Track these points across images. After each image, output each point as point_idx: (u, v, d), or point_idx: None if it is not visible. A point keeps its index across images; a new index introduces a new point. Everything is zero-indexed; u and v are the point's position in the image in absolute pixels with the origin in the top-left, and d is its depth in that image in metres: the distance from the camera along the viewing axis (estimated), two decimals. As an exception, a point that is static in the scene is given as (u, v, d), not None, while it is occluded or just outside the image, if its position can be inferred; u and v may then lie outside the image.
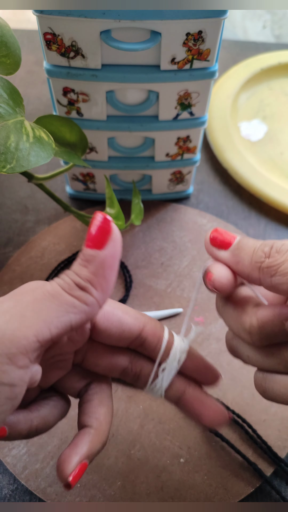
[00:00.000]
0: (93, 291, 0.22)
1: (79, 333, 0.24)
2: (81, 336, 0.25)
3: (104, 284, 0.22)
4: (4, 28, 0.35)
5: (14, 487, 0.35)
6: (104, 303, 0.23)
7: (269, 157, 0.56)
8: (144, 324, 0.26)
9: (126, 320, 0.25)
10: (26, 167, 0.31)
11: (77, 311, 0.21)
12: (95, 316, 0.24)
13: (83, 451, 0.23)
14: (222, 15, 0.33)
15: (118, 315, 0.25)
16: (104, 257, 0.22)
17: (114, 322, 0.25)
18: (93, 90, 0.38)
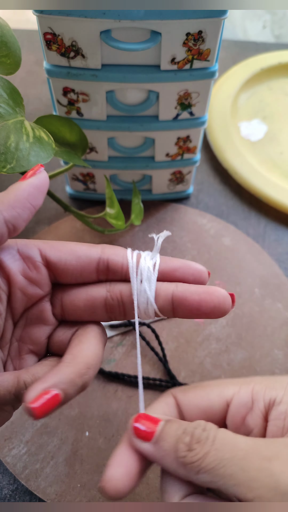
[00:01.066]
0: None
1: (32, 268, 0.24)
2: (37, 272, 0.24)
3: (11, 200, 0.23)
4: (4, 28, 0.35)
5: (14, 487, 0.35)
6: (10, 216, 0.23)
7: (269, 157, 0.56)
8: (101, 248, 0.25)
9: (79, 248, 0.25)
10: (26, 167, 0.31)
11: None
12: (1, 225, 0.23)
13: (49, 380, 0.21)
14: (222, 15, 0.33)
15: (70, 245, 0.25)
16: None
17: (66, 251, 0.25)
18: (93, 90, 0.38)
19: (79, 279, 0.25)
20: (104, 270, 0.25)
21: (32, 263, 0.24)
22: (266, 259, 0.47)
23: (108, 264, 0.25)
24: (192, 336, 0.42)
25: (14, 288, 0.24)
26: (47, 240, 0.26)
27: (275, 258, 0.48)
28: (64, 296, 0.25)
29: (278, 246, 0.49)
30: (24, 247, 0.25)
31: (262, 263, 0.47)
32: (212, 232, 0.49)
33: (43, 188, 0.25)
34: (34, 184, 0.24)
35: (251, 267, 0.47)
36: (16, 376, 0.23)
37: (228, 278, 0.46)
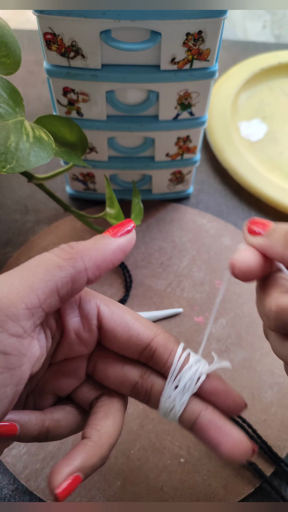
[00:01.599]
0: (82, 258, 0.22)
1: (86, 329, 0.24)
2: (89, 334, 0.24)
3: (98, 259, 0.22)
4: (4, 28, 0.35)
5: (14, 487, 0.35)
6: (93, 275, 0.22)
7: (269, 157, 0.56)
8: (155, 333, 0.25)
9: (134, 325, 0.24)
10: (26, 167, 0.31)
11: (63, 274, 0.21)
12: (82, 284, 0.22)
13: (75, 463, 0.22)
14: (222, 15, 0.33)
15: (127, 318, 0.24)
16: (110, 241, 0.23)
17: (121, 324, 0.24)
18: (93, 90, 0.38)
19: (122, 352, 0.25)
20: (148, 357, 0.25)
21: (88, 325, 0.24)
22: (266, 259, 0.47)
23: (154, 354, 0.24)
24: (192, 336, 0.42)
25: (64, 341, 0.24)
26: (107, 299, 0.25)
27: (275, 258, 0.48)
28: (100, 360, 0.25)
29: (278, 246, 0.49)
30: (86, 304, 0.24)
31: (262, 263, 0.47)
32: (212, 232, 0.49)
33: (128, 249, 0.24)
34: (122, 246, 0.24)
35: (251, 267, 0.47)
36: (41, 420, 0.24)
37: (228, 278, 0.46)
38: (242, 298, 0.45)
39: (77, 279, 0.22)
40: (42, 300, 0.21)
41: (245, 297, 0.45)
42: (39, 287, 0.21)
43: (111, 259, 0.23)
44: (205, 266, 0.47)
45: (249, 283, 0.25)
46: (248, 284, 0.45)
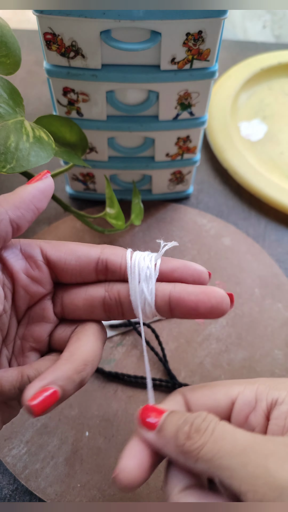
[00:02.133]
0: (1, 203, 0.24)
1: (33, 266, 0.25)
2: (38, 271, 0.25)
3: (16, 201, 0.24)
4: (4, 28, 0.35)
5: (14, 487, 0.35)
6: (14, 215, 0.24)
7: (269, 157, 0.56)
8: (101, 248, 0.26)
9: (79, 248, 0.25)
10: (26, 167, 0.31)
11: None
12: (6, 225, 0.24)
13: (47, 377, 0.21)
14: (222, 15, 0.33)
15: (70, 245, 0.26)
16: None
17: (66, 251, 0.25)
18: (93, 90, 0.38)
19: (79, 278, 0.26)
20: (103, 270, 0.25)
21: (34, 262, 0.25)
22: (266, 259, 0.47)
23: (107, 264, 0.25)
24: (192, 336, 0.42)
25: (17, 286, 0.25)
26: (48, 240, 0.26)
27: (275, 258, 0.48)
28: (65, 295, 0.26)
29: (278, 246, 0.49)
30: (27, 247, 0.25)
31: (262, 263, 0.47)
32: (212, 232, 0.49)
33: (48, 192, 0.25)
34: (40, 187, 0.25)
35: (251, 267, 0.47)
36: (20, 371, 0.23)
37: (228, 278, 0.46)
38: (242, 298, 0.45)
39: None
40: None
41: (245, 297, 0.45)
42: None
43: (30, 199, 0.24)
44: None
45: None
46: (248, 284, 0.45)
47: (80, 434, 0.37)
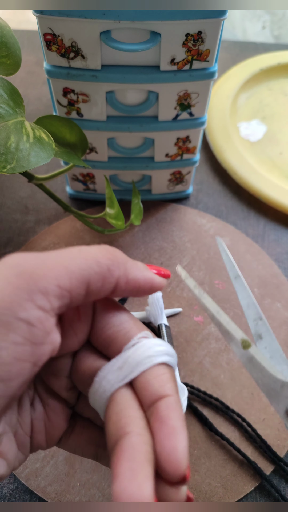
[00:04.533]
0: (119, 265, 0.21)
1: (82, 318, 0.23)
2: (84, 323, 0.23)
3: (131, 275, 0.22)
4: (4, 28, 0.35)
5: (14, 486, 0.35)
6: (120, 287, 0.21)
7: (268, 157, 0.56)
8: (144, 334, 0.22)
9: (127, 322, 0.23)
10: (26, 167, 0.32)
11: (98, 270, 0.20)
12: (108, 289, 0.21)
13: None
14: (222, 16, 0.33)
15: (121, 312, 0.23)
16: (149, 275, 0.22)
17: (114, 315, 0.23)
18: (93, 91, 0.38)
19: (103, 350, 0.23)
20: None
21: (84, 312, 0.23)
22: (265, 259, 0.47)
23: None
24: (192, 335, 0.42)
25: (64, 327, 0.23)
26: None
27: (274, 258, 0.48)
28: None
29: (277, 246, 0.49)
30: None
31: (261, 263, 0.47)
32: (211, 232, 0.49)
33: (154, 288, 0.23)
34: (154, 280, 0.23)
35: (250, 267, 0.47)
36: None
37: (227, 278, 0.46)
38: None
39: (107, 282, 0.21)
40: (73, 286, 0.20)
41: (245, 297, 0.45)
42: (74, 271, 0.20)
43: (140, 283, 0.22)
44: (204, 266, 0.47)
45: None
46: (247, 283, 0.46)
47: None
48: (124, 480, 0.17)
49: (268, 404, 0.38)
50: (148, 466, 0.18)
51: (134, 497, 0.16)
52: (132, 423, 0.19)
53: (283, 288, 0.45)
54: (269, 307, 0.44)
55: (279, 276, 0.46)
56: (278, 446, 0.37)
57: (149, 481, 0.17)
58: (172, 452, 0.18)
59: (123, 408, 0.20)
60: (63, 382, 0.23)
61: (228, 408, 0.38)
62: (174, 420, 0.19)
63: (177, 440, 0.18)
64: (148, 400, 0.20)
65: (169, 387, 0.20)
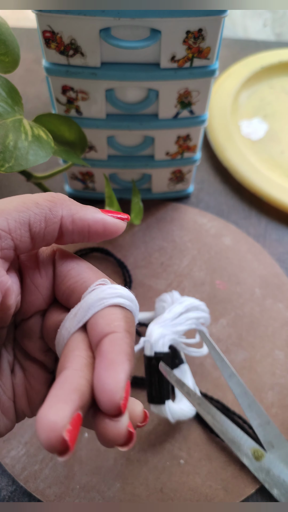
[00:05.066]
0: (62, 206, 0.21)
1: (43, 274, 0.23)
2: (45, 279, 0.23)
3: (77, 214, 0.21)
4: (3, 26, 0.35)
5: (13, 488, 0.35)
6: (66, 227, 0.21)
7: (270, 156, 0.56)
8: (102, 280, 0.23)
9: (85, 271, 0.23)
10: (25, 166, 0.31)
11: (37, 210, 0.21)
12: (54, 230, 0.21)
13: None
14: (222, 13, 0.33)
15: (80, 264, 0.23)
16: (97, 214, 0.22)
17: (73, 267, 0.23)
18: (92, 89, 0.38)
19: (65, 302, 0.23)
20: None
21: (44, 268, 0.23)
22: (266, 259, 0.47)
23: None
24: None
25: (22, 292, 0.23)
26: (63, 248, 0.24)
27: (276, 257, 0.48)
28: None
29: (279, 246, 0.49)
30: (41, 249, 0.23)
31: (262, 263, 0.47)
32: (212, 232, 0.49)
33: (111, 229, 0.23)
34: (107, 221, 0.22)
35: (252, 266, 0.46)
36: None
37: (228, 278, 0.46)
38: (243, 298, 0.44)
39: (50, 222, 0.21)
40: (12, 227, 0.20)
41: (246, 297, 0.44)
42: (10, 213, 0.20)
43: (89, 223, 0.22)
44: (205, 266, 0.46)
45: None
46: (248, 284, 0.45)
47: (79, 435, 0.36)
48: (46, 405, 0.17)
49: (270, 406, 0.38)
50: (73, 394, 0.18)
51: (49, 418, 0.17)
52: (73, 360, 0.19)
53: (285, 288, 0.45)
54: (270, 307, 0.44)
55: (281, 276, 0.46)
56: (279, 448, 0.36)
57: (69, 407, 0.17)
58: (106, 382, 0.18)
59: (70, 349, 0.20)
60: (37, 344, 0.23)
61: (229, 410, 0.37)
62: (114, 354, 0.19)
63: (113, 371, 0.18)
64: (95, 339, 0.20)
65: (116, 325, 0.20)
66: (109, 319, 0.20)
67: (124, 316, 0.21)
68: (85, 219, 0.22)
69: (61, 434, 0.16)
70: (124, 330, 0.20)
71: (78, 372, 0.19)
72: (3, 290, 0.20)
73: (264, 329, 0.42)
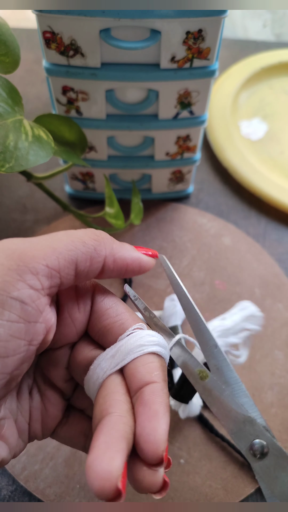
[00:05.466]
0: (105, 245, 0.22)
1: (81, 308, 0.23)
2: (83, 314, 0.24)
3: (118, 253, 0.23)
4: (3, 26, 0.35)
5: (13, 488, 0.35)
6: (108, 266, 0.23)
7: (269, 156, 0.56)
8: (139, 325, 0.24)
9: (123, 314, 0.24)
10: (25, 166, 0.31)
11: (84, 250, 0.22)
12: (97, 268, 0.22)
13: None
14: (222, 14, 0.33)
15: (118, 304, 0.24)
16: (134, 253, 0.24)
17: (111, 307, 0.24)
18: (92, 89, 0.38)
19: (100, 340, 0.24)
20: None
21: (83, 303, 0.24)
22: (266, 259, 0.47)
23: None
24: (192, 335, 0.42)
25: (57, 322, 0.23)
26: (101, 285, 0.25)
27: (275, 257, 0.48)
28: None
29: (279, 246, 0.49)
30: (82, 284, 0.24)
31: (262, 263, 0.47)
32: (212, 232, 0.49)
33: (143, 267, 0.24)
34: (142, 259, 0.24)
35: (252, 267, 0.47)
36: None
37: (228, 278, 0.46)
38: (242, 298, 0.44)
39: (95, 261, 0.22)
40: (62, 266, 0.21)
41: (245, 297, 0.44)
42: (61, 252, 0.21)
43: (128, 262, 0.23)
44: (205, 266, 0.46)
45: None
46: (248, 284, 0.45)
47: (80, 434, 0.37)
48: (98, 451, 0.18)
49: (269, 406, 0.38)
50: (123, 442, 0.18)
51: (103, 467, 0.17)
52: (115, 405, 0.20)
53: (285, 288, 0.45)
54: (270, 307, 0.44)
55: (281, 276, 0.46)
56: (279, 448, 0.36)
57: (121, 455, 0.18)
58: (151, 433, 0.19)
59: (110, 392, 0.21)
60: (61, 373, 0.24)
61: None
62: (157, 405, 0.20)
63: (157, 422, 0.19)
64: (135, 386, 0.21)
65: (156, 374, 0.21)
66: (149, 367, 0.21)
67: (161, 365, 0.22)
68: (124, 258, 0.23)
69: (116, 484, 0.17)
70: (162, 380, 0.21)
71: (123, 418, 0.19)
72: (48, 327, 0.21)
73: (264, 329, 0.43)
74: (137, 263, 0.24)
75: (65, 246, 0.21)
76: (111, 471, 0.17)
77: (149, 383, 0.21)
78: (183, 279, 0.45)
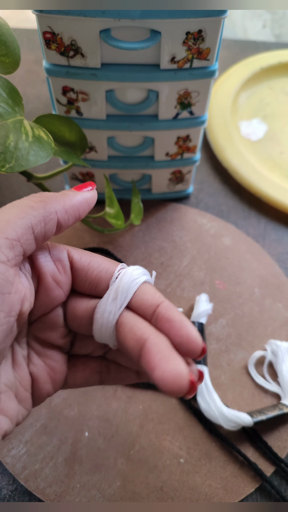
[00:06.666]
0: (52, 202, 0.24)
1: (61, 270, 0.25)
2: (64, 275, 0.25)
3: (66, 204, 0.24)
4: (4, 27, 0.35)
5: (13, 487, 0.35)
6: (62, 218, 0.24)
7: (269, 157, 0.56)
8: (121, 266, 0.26)
9: (103, 262, 0.26)
10: (25, 166, 0.31)
11: (35, 213, 0.23)
12: (53, 225, 0.24)
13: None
14: (222, 14, 0.33)
15: (95, 258, 0.26)
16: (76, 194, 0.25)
17: (90, 262, 0.26)
18: (92, 89, 0.38)
19: (92, 291, 0.26)
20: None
21: (62, 266, 0.25)
22: (266, 259, 0.47)
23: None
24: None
25: (41, 288, 0.25)
26: (74, 247, 0.26)
27: (275, 257, 0.48)
28: (69, 302, 0.26)
29: (278, 246, 0.49)
30: (55, 250, 0.26)
31: (262, 263, 0.47)
32: (212, 232, 0.49)
33: (91, 204, 0.26)
34: (87, 197, 0.26)
35: (251, 266, 0.47)
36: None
37: (228, 278, 0.46)
38: (242, 298, 0.44)
39: (48, 219, 0.23)
40: (19, 234, 0.22)
41: (245, 297, 0.45)
42: (15, 222, 0.22)
43: (77, 207, 0.25)
44: (205, 266, 0.46)
45: None
46: (248, 284, 0.45)
47: (80, 434, 0.37)
48: (162, 365, 0.21)
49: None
50: (175, 352, 0.21)
51: (176, 372, 0.20)
52: (146, 331, 0.22)
53: (284, 288, 0.45)
54: (270, 307, 0.44)
55: (280, 276, 0.46)
56: (278, 447, 0.36)
57: (181, 360, 0.21)
58: (190, 335, 0.22)
59: (132, 325, 0.23)
60: (59, 332, 0.26)
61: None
62: (177, 316, 0.23)
63: (188, 328, 0.22)
64: (149, 311, 0.23)
65: (159, 296, 0.24)
66: (150, 294, 0.24)
67: (155, 288, 0.25)
68: (73, 205, 0.25)
69: (188, 377, 0.20)
70: (164, 299, 0.24)
71: (161, 336, 0.22)
72: (21, 297, 0.22)
73: (264, 329, 0.43)
74: (85, 203, 0.25)
75: (16, 215, 0.22)
76: (181, 370, 0.20)
77: (159, 304, 0.23)
78: (183, 279, 0.45)
